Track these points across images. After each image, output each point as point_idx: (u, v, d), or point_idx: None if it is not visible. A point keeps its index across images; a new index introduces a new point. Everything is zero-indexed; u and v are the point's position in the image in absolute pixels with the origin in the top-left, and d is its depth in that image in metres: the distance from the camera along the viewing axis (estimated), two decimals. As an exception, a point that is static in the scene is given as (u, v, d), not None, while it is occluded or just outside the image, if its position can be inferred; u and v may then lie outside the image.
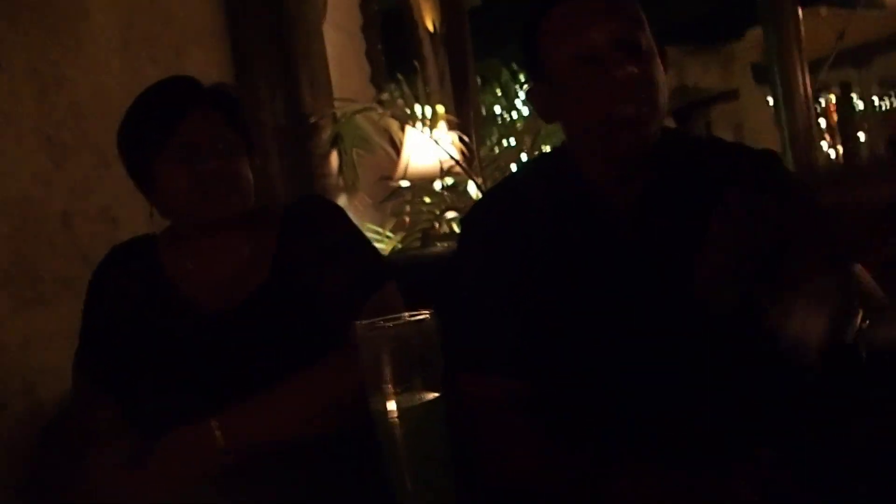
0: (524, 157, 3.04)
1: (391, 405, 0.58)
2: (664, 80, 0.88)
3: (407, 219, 2.67)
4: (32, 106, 1.45)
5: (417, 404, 0.59)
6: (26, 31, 1.45)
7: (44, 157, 1.46)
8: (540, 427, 0.86)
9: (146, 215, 1.17)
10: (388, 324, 0.59)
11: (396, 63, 3.45)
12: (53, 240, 1.45)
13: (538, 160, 1.05)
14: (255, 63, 2.17)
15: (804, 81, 5.23)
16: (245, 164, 1.11)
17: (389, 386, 0.58)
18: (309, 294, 1.07)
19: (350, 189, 2.41)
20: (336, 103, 2.39)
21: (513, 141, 3.46)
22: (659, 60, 0.89)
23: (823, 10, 6.21)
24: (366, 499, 0.81)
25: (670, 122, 1.05)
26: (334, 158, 2.38)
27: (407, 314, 0.61)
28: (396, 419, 0.58)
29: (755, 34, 6.51)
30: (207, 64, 2.07)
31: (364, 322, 0.60)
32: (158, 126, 1.06)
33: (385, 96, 2.56)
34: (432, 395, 0.59)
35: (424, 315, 0.61)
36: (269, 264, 1.10)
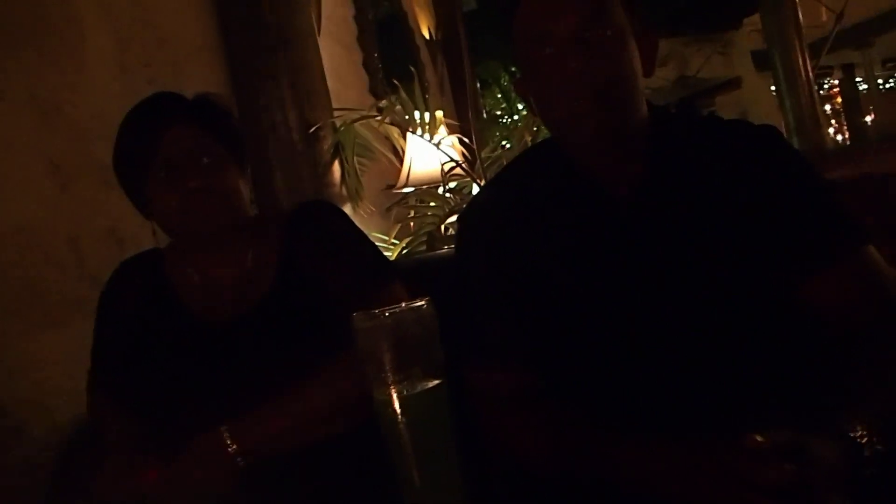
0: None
1: (393, 394, 0.58)
2: (634, 63, 0.87)
3: (412, 224, 2.67)
4: (35, 132, 1.47)
5: (419, 392, 0.58)
6: (25, 58, 1.47)
7: (49, 181, 1.48)
8: (548, 416, 0.86)
9: (150, 234, 1.18)
10: (385, 312, 0.59)
11: (394, 71, 3.46)
12: (61, 263, 1.46)
13: (530, 151, 1.05)
14: (251, 78, 2.18)
15: (805, 65, 5.20)
16: (233, 175, 1.10)
17: (390, 375, 0.58)
18: (315, 297, 1.08)
19: (354, 198, 2.41)
20: (335, 113, 2.40)
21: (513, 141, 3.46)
22: (632, 42, 0.87)
23: (821, -7, 6.18)
24: (377, 496, 0.81)
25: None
26: (337, 169, 2.39)
27: (404, 303, 0.61)
28: (399, 408, 0.58)
29: (753, 21, 6.49)
30: (204, 81, 2.08)
31: (361, 312, 0.60)
32: (141, 147, 1.07)
33: (384, 104, 2.57)
34: (434, 382, 0.59)
35: (422, 302, 0.61)
36: (273, 271, 1.11)
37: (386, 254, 1.26)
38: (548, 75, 0.87)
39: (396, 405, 0.58)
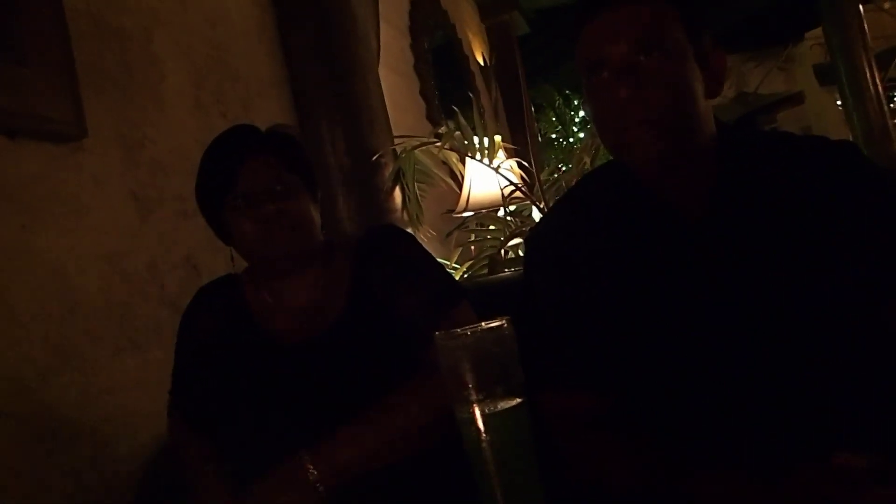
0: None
1: (475, 412, 0.59)
2: (692, 86, 0.85)
3: (472, 248, 2.68)
4: (119, 167, 1.55)
5: (501, 410, 0.59)
6: (111, 97, 1.56)
7: (131, 212, 1.56)
8: (624, 440, 0.85)
9: (227, 260, 1.23)
10: (467, 332, 0.61)
11: (450, 98, 3.52)
12: (143, 289, 1.53)
13: (597, 172, 1.06)
14: (316, 109, 2.26)
15: (873, 78, 5.01)
16: (305, 202, 1.14)
17: (473, 393, 0.59)
18: (386, 318, 1.10)
19: (414, 223, 2.45)
20: (396, 140, 2.45)
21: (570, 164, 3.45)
22: (690, 64, 0.86)
23: (887, 3, 5.98)
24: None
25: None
26: (398, 195, 2.44)
27: (483, 323, 0.62)
28: (481, 426, 0.59)
29: (815, 34, 6.32)
30: (272, 113, 2.17)
31: (443, 332, 0.62)
32: (220, 178, 1.12)
33: (442, 130, 2.61)
34: (515, 401, 0.60)
35: (501, 322, 0.62)
36: (345, 294, 1.14)
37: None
38: (600, 101, 0.88)
39: (479, 423, 0.59)
